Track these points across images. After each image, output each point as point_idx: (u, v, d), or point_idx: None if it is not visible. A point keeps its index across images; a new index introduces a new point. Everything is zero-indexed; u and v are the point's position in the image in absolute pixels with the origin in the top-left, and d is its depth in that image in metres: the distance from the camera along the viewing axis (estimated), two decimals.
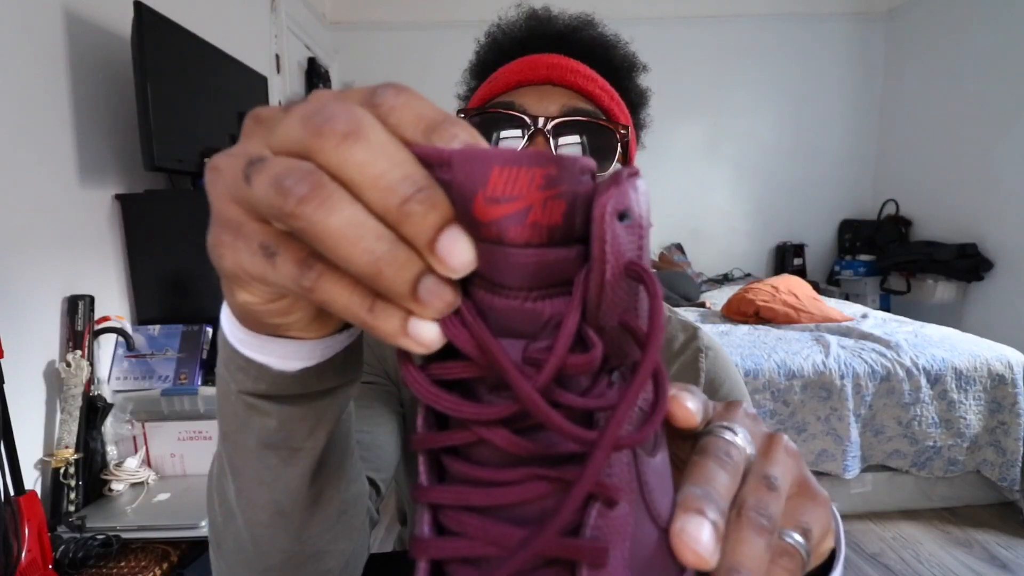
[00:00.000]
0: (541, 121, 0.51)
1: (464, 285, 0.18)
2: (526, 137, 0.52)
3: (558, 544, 0.17)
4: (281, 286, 0.18)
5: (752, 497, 0.21)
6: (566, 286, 0.17)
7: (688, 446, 0.24)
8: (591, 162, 0.17)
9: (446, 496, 0.19)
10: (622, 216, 0.17)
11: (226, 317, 0.26)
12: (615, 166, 0.55)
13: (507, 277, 0.17)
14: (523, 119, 0.52)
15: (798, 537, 0.22)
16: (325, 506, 0.33)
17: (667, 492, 0.21)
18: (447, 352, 0.18)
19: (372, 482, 0.48)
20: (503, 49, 0.60)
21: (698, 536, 0.19)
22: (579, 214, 0.17)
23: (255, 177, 0.16)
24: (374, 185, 0.16)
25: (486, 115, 0.54)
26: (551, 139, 0.52)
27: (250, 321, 0.23)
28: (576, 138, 0.53)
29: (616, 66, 0.59)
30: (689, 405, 0.23)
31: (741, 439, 0.23)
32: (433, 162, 0.16)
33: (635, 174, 0.18)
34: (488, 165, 0.16)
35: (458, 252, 0.16)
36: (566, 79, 0.54)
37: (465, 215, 0.16)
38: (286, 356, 0.25)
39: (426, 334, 0.17)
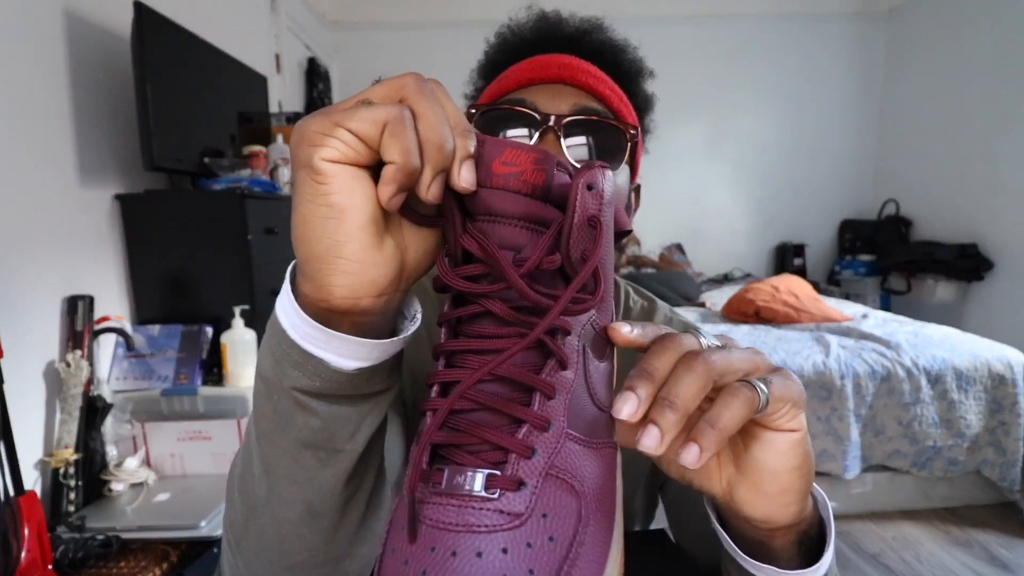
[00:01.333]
0: (552, 119, 0.51)
1: (474, 218, 0.27)
2: (537, 134, 0.51)
3: (525, 375, 0.26)
4: (372, 118, 0.24)
5: (694, 351, 0.28)
6: (540, 225, 0.27)
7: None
8: (565, 160, 0.27)
9: (457, 345, 0.27)
10: (590, 187, 0.27)
11: (288, 313, 0.28)
12: (623, 166, 0.54)
13: (507, 209, 0.27)
14: (534, 116, 0.52)
15: (760, 383, 0.28)
16: (355, 509, 0.34)
17: (604, 386, 0.29)
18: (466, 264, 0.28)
19: None
20: (513, 50, 0.60)
21: (621, 407, 0.26)
22: (553, 186, 0.27)
23: (380, 87, 0.26)
24: (454, 113, 0.26)
25: (498, 111, 0.54)
26: (561, 137, 0.51)
27: (312, 227, 0.26)
28: (585, 138, 0.52)
29: (624, 70, 0.59)
30: (623, 330, 0.29)
31: (704, 338, 0.30)
32: (476, 138, 0.27)
33: (604, 166, 0.28)
34: (505, 146, 0.27)
35: (469, 174, 0.26)
36: (577, 79, 0.54)
37: (487, 170, 0.26)
38: (346, 354, 0.28)
39: (428, 195, 0.25)
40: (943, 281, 3.15)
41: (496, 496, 0.23)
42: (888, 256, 3.51)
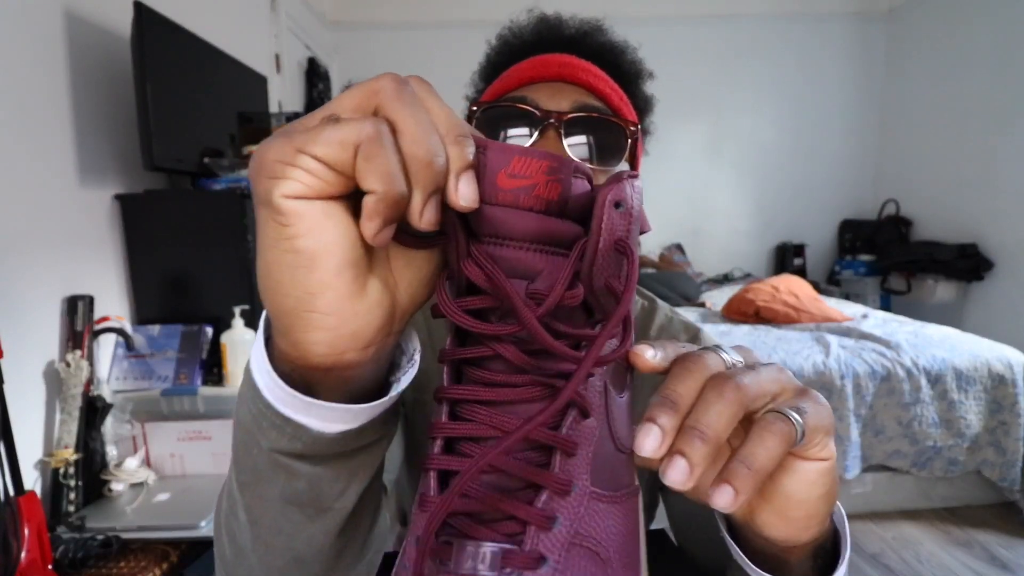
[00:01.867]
0: (553, 116, 0.51)
1: (478, 239, 0.23)
2: (538, 131, 0.51)
3: (543, 433, 0.22)
4: (341, 140, 0.19)
5: (722, 373, 0.25)
6: (557, 247, 0.23)
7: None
8: (583, 164, 0.24)
9: (462, 392, 0.24)
10: (617, 205, 0.23)
11: (262, 373, 0.25)
12: (623, 164, 0.55)
13: (515, 231, 0.22)
14: (535, 114, 0.52)
15: (794, 413, 0.25)
16: (348, 555, 0.32)
17: (625, 422, 0.26)
18: (471, 292, 0.24)
19: None
20: (514, 51, 0.60)
21: (643, 442, 0.23)
22: (570, 197, 0.23)
23: (354, 90, 0.21)
24: (444, 116, 0.21)
25: (499, 108, 0.54)
26: (562, 134, 0.51)
27: (279, 277, 0.22)
28: (585, 137, 0.52)
29: (624, 71, 0.59)
30: (647, 355, 0.26)
31: (727, 355, 0.27)
32: (476, 143, 0.23)
33: (634, 176, 0.24)
34: (512, 153, 0.22)
35: (468, 189, 0.21)
36: (578, 77, 0.54)
37: (491, 184, 0.22)
38: (330, 419, 0.25)
39: (423, 223, 0.21)
40: (943, 281, 3.15)
41: None
42: (888, 256, 3.51)
